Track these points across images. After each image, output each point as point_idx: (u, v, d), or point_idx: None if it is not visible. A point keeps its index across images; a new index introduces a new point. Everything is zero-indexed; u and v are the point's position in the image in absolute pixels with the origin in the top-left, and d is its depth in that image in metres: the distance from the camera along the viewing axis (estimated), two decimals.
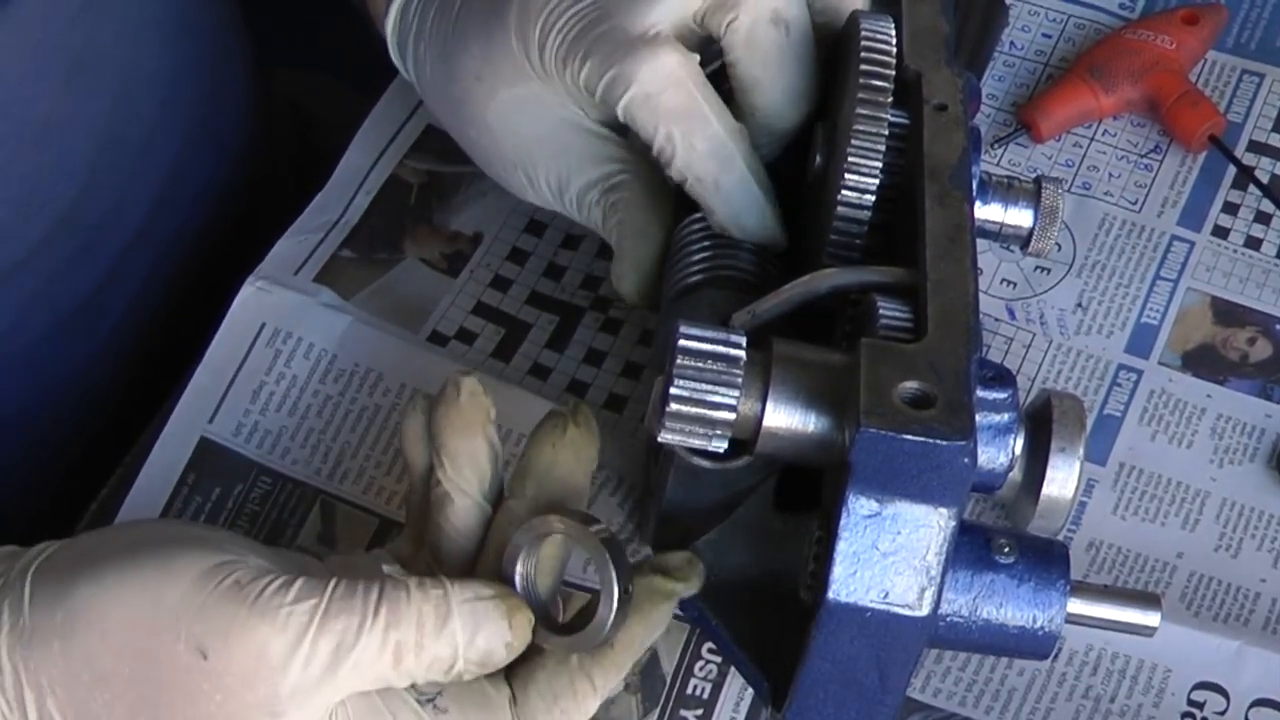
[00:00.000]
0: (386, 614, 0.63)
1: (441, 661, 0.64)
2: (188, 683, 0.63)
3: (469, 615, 0.64)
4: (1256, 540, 0.82)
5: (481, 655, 0.65)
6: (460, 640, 0.64)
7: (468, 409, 0.69)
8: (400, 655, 0.63)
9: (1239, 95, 0.95)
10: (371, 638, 0.63)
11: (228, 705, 0.63)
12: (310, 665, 0.62)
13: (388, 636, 0.63)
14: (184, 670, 0.62)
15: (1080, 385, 0.86)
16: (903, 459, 0.60)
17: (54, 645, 0.63)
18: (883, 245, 0.71)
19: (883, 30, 0.73)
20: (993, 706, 0.77)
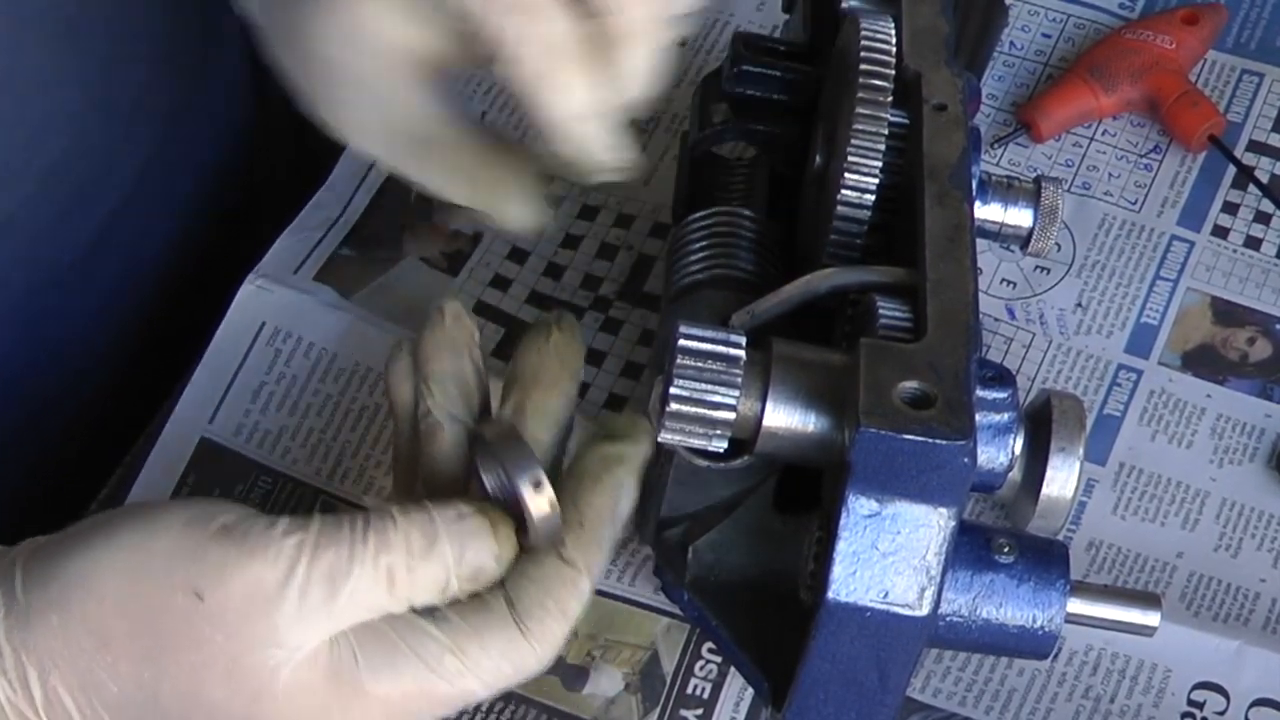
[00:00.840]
0: (375, 540, 0.64)
1: (435, 582, 0.65)
2: (188, 627, 0.63)
3: (455, 534, 0.65)
4: (1256, 540, 0.82)
5: (472, 571, 0.66)
6: (450, 559, 0.65)
7: (453, 331, 0.70)
8: (393, 579, 0.64)
9: (1239, 95, 0.95)
10: (363, 565, 0.64)
11: (230, 644, 0.63)
12: (307, 596, 0.63)
13: (379, 562, 0.64)
14: (182, 615, 0.63)
15: (1080, 385, 0.86)
16: (902, 459, 0.60)
17: (52, 619, 0.64)
18: (882, 245, 0.71)
19: (882, 30, 0.73)
20: (993, 706, 0.78)
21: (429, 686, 0.66)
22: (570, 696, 0.77)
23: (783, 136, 0.80)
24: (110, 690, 0.64)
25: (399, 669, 0.65)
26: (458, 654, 0.65)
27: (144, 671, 0.64)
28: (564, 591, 0.67)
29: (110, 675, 0.64)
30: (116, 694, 0.64)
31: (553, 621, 0.67)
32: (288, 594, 0.63)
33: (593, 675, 0.78)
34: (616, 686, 0.78)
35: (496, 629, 0.66)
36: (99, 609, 0.64)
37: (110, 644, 0.64)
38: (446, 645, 0.65)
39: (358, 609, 0.65)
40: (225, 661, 0.64)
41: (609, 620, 0.79)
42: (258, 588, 0.63)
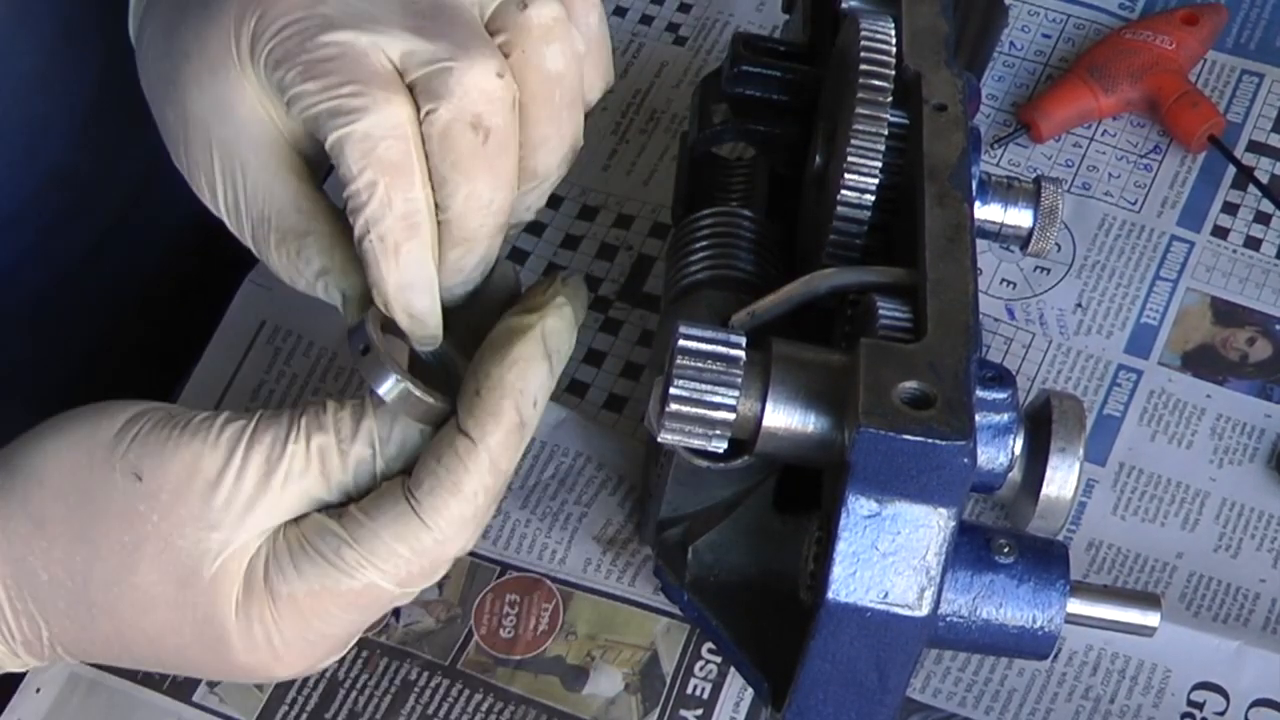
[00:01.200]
0: (307, 424, 0.67)
1: (364, 461, 0.67)
2: (124, 506, 0.66)
3: (384, 412, 0.67)
4: (1256, 540, 0.82)
5: (398, 448, 0.67)
6: (377, 436, 0.67)
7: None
8: (325, 461, 0.66)
9: (1238, 95, 0.95)
10: (297, 446, 0.66)
11: (164, 523, 0.65)
12: (243, 479, 0.66)
13: (311, 443, 0.66)
14: (120, 495, 0.66)
15: (1080, 385, 0.86)
16: (902, 459, 0.60)
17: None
18: (882, 245, 0.71)
19: (882, 30, 0.73)
20: (992, 707, 0.78)
21: (330, 582, 0.67)
22: (570, 697, 0.77)
23: (782, 137, 0.80)
24: (40, 579, 0.66)
25: (301, 568, 0.66)
26: (354, 544, 0.66)
27: (77, 554, 0.66)
28: (455, 462, 0.66)
29: (43, 562, 0.66)
30: (46, 583, 0.66)
31: (446, 495, 0.66)
32: (225, 478, 0.65)
33: (592, 675, 0.78)
34: (616, 687, 0.78)
35: (388, 509, 0.67)
36: (40, 493, 0.66)
37: (46, 526, 0.66)
38: (344, 537, 0.66)
39: (292, 495, 0.66)
40: (158, 542, 0.65)
41: (608, 620, 0.79)
42: (196, 469, 0.65)
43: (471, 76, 0.65)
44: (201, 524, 0.65)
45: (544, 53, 0.68)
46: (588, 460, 0.83)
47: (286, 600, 0.66)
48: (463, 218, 0.67)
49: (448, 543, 0.67)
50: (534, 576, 0.80)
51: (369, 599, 0.67)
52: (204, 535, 0.65)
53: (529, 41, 0.67)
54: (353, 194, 0.66)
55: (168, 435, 0.66)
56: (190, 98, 0.69)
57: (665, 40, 0.98)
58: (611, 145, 0.94)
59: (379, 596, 0.67)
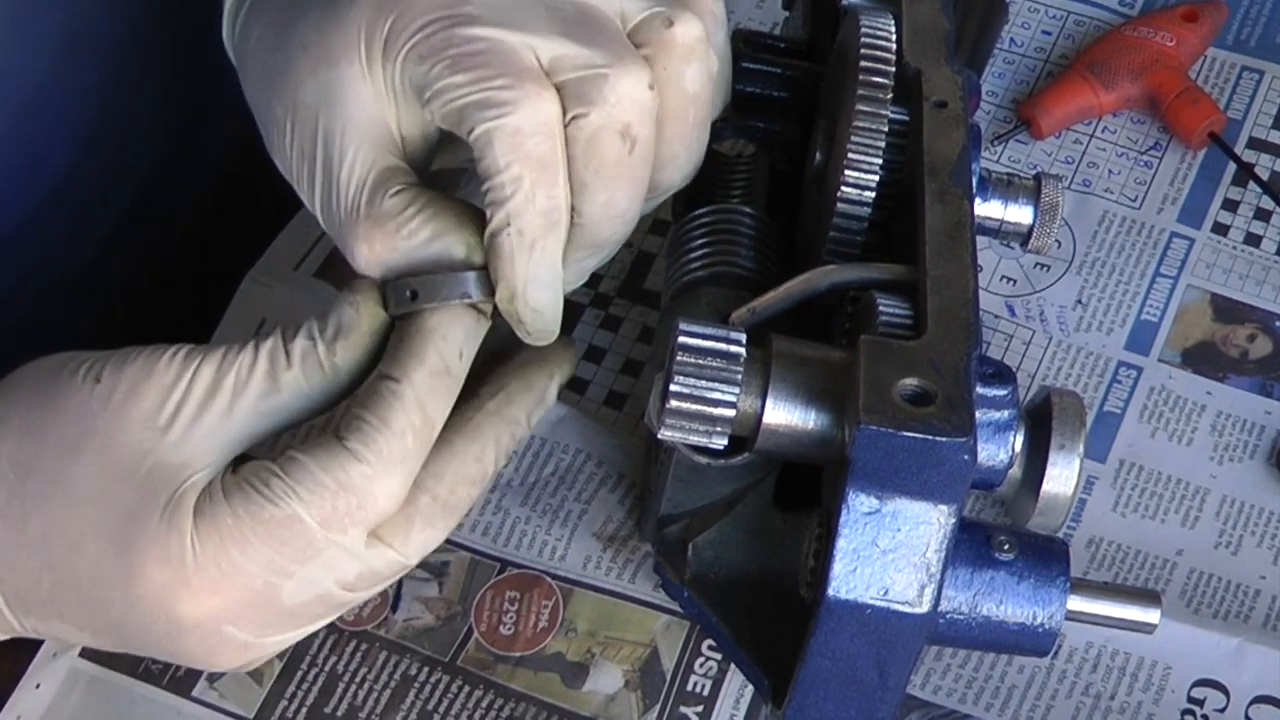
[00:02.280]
0: (256, 337, 0.68)
1: (309, 354, 0.68)
2: (78, 404, 0.67)
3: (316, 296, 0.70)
4: (1256, 537, 0.82)
5: (334, 328, 0.68)
6: (315, 326, 0.68)
7: None
8: (273, 360, 0.67)
9: (1239, 92, 0.95)
10: (244, 353, 0.67)
11: (112, 420, 0.66)
12: (195, 383, 0.67)
13: (259, 348, 0.67)
14: (77, 395, 0.67)
15: (1080, 382, 0.86)
16: (902, 456, 0.60)
17: None
18: (882, 242, 0.71)
19: (883, 27, 0.73)
20: (993, 704, 0.78)
21: (255, 508, 0.66)
22: (570, 694, 0.77)
23: (783, 134, 0.80)
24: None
25: (230, 495, 0.66)
26: (282, 475, 0.66)
27: (25, 448, 0.67)
28: (378, 401, 0.67)
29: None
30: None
31: (372, 431, 0.66)
32: (179, 382, 0.66)
33: (592, 672, 0.78)
34: (616, 684, 0.78)
35: (319, 445, 0.67)
36: (5, 401, 0.68)
37: (4, 425, 0.67)
38: (274, 469, 0.66)
39: (247, 403, 0.67)
40: (102, 436, 0.66)
41: (609, 617, 0.79)
42: (151, 372, 0.67)
43: (625, 85, 0.67)
44: (149, 425, 0.66)
45: (684, 72, 0.69)
46: (588, 457, 0.83)
47: (208, 519, 0.66)
48: (596, 224, 0.69)
49: (375, 479, 0.66)
50: (534, 573, 0.80)
51: (290, 532, 0.66)
52: (150, 436, 0.66)
53: (671, 60, 0.68)
54: (496, 186, 0.68)
55: (130, 352, 0.68)
56: (304, 87, 0.70)
57: None
58: None
59: (300, 532, 0.66)
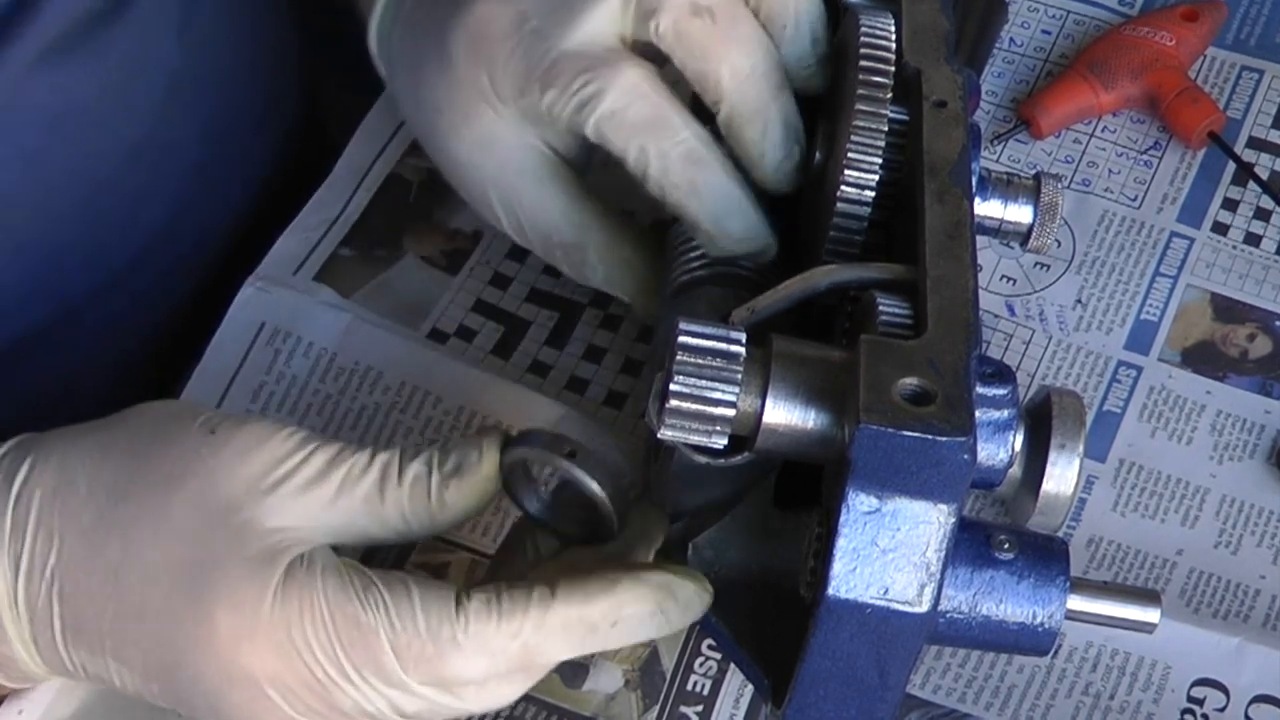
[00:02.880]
0: (372, 444, 0.68)
1: (420, 480, 0.67)
2: (184, 444, 0.67)
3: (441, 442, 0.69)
4: (1256, 537, 0.82)
5: (454, 466, 0.68)
6: (435, 457, 0.68)
7: None
8: (385, 474, 0.67)
9: (1238, 91, 0.95)
10: (360, 455, 0.67)
11: (218, 469, 0.66)
12: (306, 465, 0.67)
13: (375, 455, 0.67)
14: (189, 435, 0.67)
15: (1080, 382, 0.86)
16: (902, 455, 0.60)
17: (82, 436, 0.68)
18: (882, 242, 0.71)
19: (882, 27, 0.73)
20: (993, 703, 0.78)
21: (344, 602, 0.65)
22: (570, 693, 0.77)
23: None
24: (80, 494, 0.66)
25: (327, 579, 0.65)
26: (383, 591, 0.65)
27: (123, 474, 0.66)
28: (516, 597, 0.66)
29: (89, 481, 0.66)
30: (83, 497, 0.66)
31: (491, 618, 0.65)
32: (289, 460, 0.66)
33: (592, 672, 0.78)
34: (616, 683, 0.78)
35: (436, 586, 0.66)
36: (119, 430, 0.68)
37: (108, 451, 0.67)
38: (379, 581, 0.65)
39: (350, 503, 0.67)
40: (203, 479, 0.66)
41: None
42: (265, 439, 0.67)
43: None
44: (253, 485, 0.66)
45: None
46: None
47: (297, 583, 0.65)
48: (739, 94, 0.73)
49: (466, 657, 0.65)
50: None
51: (365, 644, 0.65)
52: (251, 495, 0.66)
53: None
54: (633, 166, 0.73)
55: (248, 419, 0.68)
56: (451, 145, 0.77)
57: None
58: None
59: (375, 651, 0.65)
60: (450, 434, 0.83)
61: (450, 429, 0.83)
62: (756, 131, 0.74)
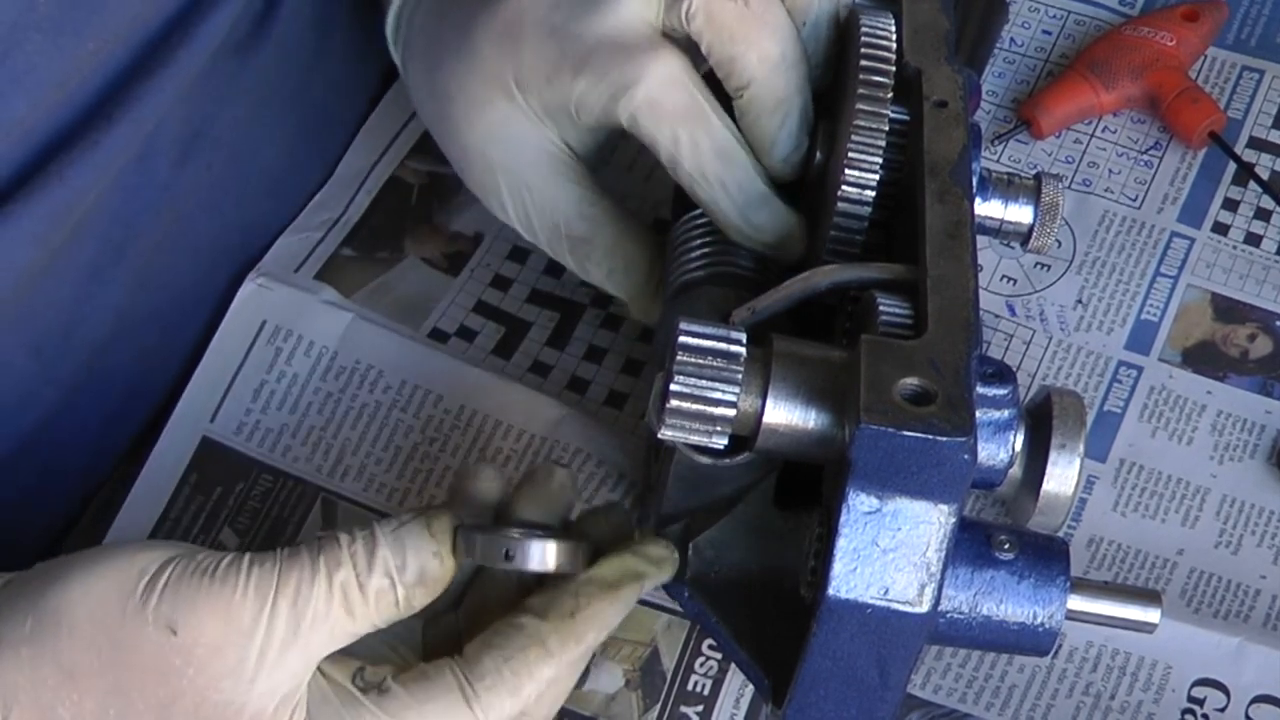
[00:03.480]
0: (325, 561, 0.66)
1: (385, 593, 0.66)
2: (158, 661, 0.64)
3: (393, 540, 0.67)
4: (1257, 537, 0.82)
5: (416, 574, 0.66)
6: (392, 565, 0.66)
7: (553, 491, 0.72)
8: (348, 596, 0.65)
9: (1239, 92, 0.95)
10: (318, 586, 0.65)
11: (199, 678, 0.64)
12: (274, 627, 0.64)
13: (333, 580, 0.65)
14: (154, 649, 0.64)
15: (1080, 382, 0.86)
16: (903, 455, 0.60)
17: (21, 652, 0.64)
18: (882, 242, 0.71)
19: (883, 27, 0.73)
20: (993, 703, 0.78)
21: None
22: (571, 693, 0.77)
23: None
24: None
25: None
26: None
27: (110, 708, 0.64)
28: (522, 665, 0.67)
29: (73, 713, 0.64)
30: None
31: (505, 694, 0.66)
32: (258, 629, 0.64)
33: (593, 672, 0.78)
34: (617, 683, 0.78)
35: (438, 696, 0.66)
36: (70, 643, 0.64)
37: (77, 678, 0.64)
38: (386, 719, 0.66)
39: (321, 635, 0.65)
40: (193, 696, 0.64)
41: None
42: (230, 621, 0.64)
43: None
44: (237, 678, 0.64)
45: None
46: (588, 457, 0.83)
47: None
48: (767, 82, 0.73)
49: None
50: None
51: None
52: (240, 689, 0.64)
53: None
54: (666, 155, 0.73)
55: (198, 584, 0.65)
56: (463, 132, 0.76)
57: None
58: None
59: None
60: (450, 434, 0.83)
61: (450, 428, 0.83)
62: (775, 120, 0.74)
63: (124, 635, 0.64)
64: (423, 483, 0.83)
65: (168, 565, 0.65)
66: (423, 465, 0.83)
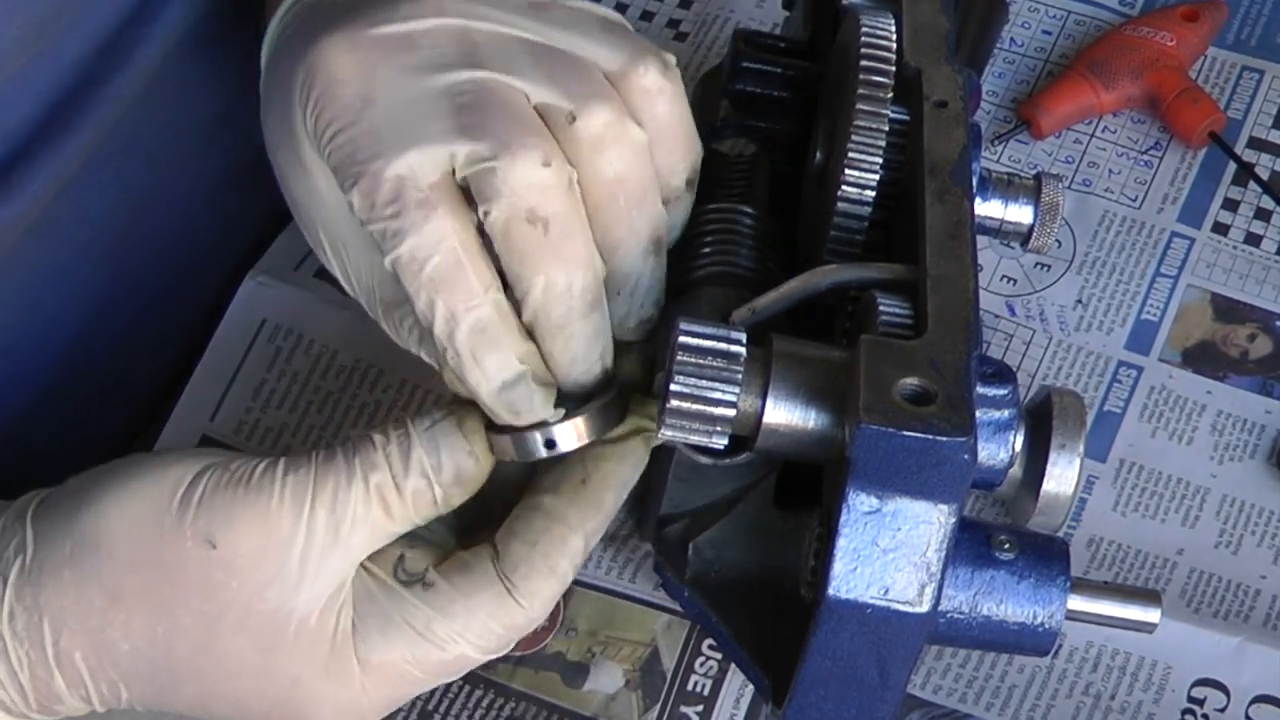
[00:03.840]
0: (360, 463, 0.66)
1: (422, 493, 0.66)
2: (201, 576, 0.65)
3: (428, 440, 0.67)
4: (1257, 537, 0.82)
5: (452, 474, 0.67)
6: (428, 465, 0.66)
7: None
8: (385, 498, 0.66)
9: (1239, 92, 0.95)
10: (355, 489, 0.66)
11: (243, 590, 0.65)
12: (313, 531, 0.65)
13: (369, 482, 0.66)
14: (195, 564, 0.65)
15: (1080, 382, 0.86)
16: (903, 455, 0.60)
17: (64, 575, 0.65)
18: (883, 242, 0.71)
19: (883, 27, 0.73)
20: (993, 703, 0.78)
21: (421, 653, 0.67)
22: (571, 693, 0.77)
23: (783, 133, 0.80)
24: (122, 649, 0.65)
25: (390, 638, 0.66)
26: (446, 618, 0.66)
27: (157, 626, 0.65)
28: (553, 547, 0.67)
29: (123, 633, 0.65)
30: (128, 652, 0.65)
31: (541, 579, 0.67)
32: (297, 535, 0.65)
33: (593, 672, 0.78)
34: (617, 683, 0.78)
35: (482, 588, 0.67)
36: (111, 565, 0.65)
37: (122, 599, 0.65)
38: (434, 613, 0.66)
39: (361, 536, 0.66)
40: (239, 609, 0.65)
41: (609, 617, 0.79)
42: (268, 530, 0.65)
43: (516, 172, 0.65)
44: (280, 585, 0.65)
45: (598, 161, 0.67)
46: None
47: (377, 668, 0.67)
48: (547, 307, 0.67)
49: (537, 619, 0.68)
50: None
51: (458, 666, 0.68)
52: (285, 597, 0.65)
53: (581, 153, 0.67)
54: (420, 315, 0.66)
55: (233, 495, 0.65)
56: (288, 184, 0.71)
57: (666, 36, 0.98)
58: None
59: (466, 661, 0.68)
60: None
61: None
62: (558, 344, 0.68)
63: (164, 553, 0.65)
64: None
65: (201, 476, 0.66)
66: None
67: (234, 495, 0.65)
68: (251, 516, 0.65)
